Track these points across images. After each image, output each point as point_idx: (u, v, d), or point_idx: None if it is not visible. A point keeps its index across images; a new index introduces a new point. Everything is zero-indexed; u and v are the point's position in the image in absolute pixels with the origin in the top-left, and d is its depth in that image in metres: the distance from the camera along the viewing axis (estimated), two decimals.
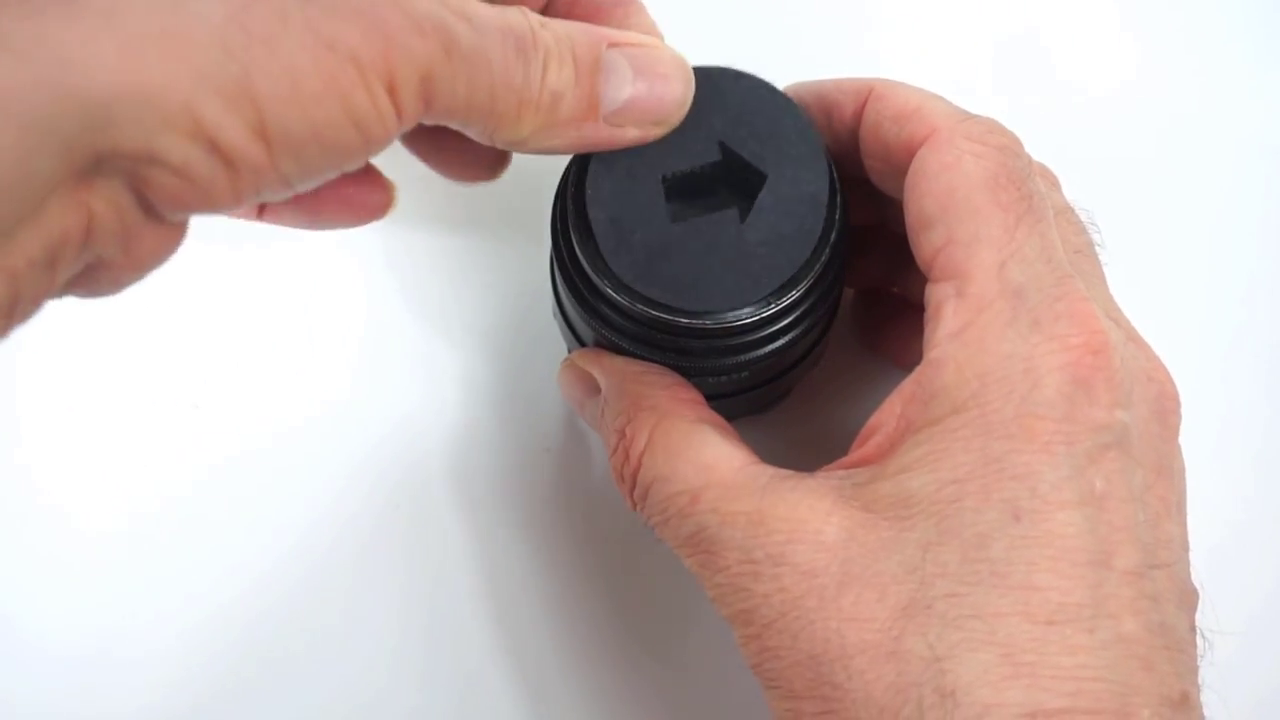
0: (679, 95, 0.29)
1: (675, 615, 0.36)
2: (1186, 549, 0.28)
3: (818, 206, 0.29)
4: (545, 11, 0.29)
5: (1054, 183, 0.31)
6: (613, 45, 0.27)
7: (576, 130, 0.27)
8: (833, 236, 0.30)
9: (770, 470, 0.28)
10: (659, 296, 0.29)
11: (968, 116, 0.29)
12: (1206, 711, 0.26)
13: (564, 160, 0.31)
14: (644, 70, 0.28)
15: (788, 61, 0.33)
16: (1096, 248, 0.30)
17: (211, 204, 0.22)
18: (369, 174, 0.30)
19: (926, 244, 0.28)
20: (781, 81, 0.32)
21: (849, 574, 0.25)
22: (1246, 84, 0.43)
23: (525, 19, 0.26)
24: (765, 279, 0.29)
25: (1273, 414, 0.39)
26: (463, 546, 0.37)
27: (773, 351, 0.30)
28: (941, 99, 0.30)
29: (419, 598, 0.37)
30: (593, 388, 0.32)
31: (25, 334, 0.22)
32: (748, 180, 0.30)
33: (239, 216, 0.29)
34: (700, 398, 0.30)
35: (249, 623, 0.36)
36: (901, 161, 0.29)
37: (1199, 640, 0.27)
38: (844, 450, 0.28)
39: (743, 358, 0.30)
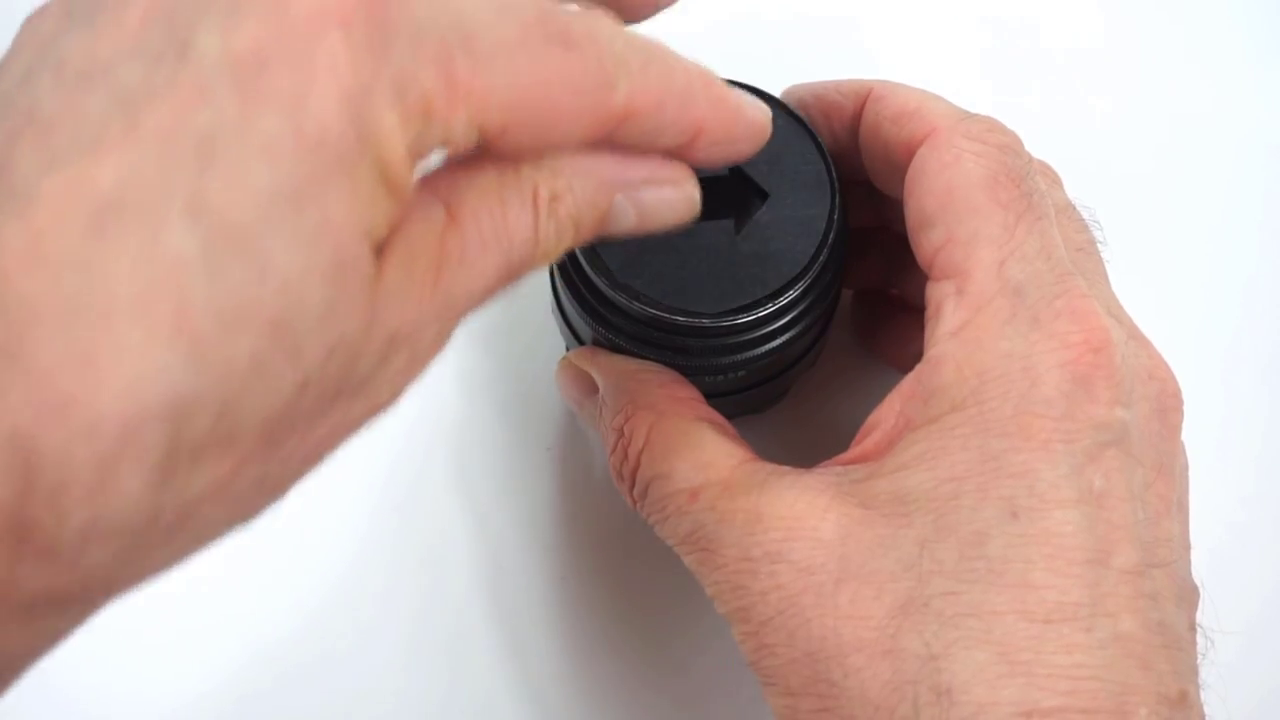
0: (665, 226, 0.25)
1: (675, 613, 0.36)
2: (1187, 547, 0.27)
3: (813, 229, 0.29)
4: None
5: (1055, 180, 0.31)
6: (628, 188, 0.24)
7: None
8: (831, 237, 0.30)
9: (768, 467, 0.28)
10: (657, 295, 0.29)
11: (967, 116, 0.29)
12: (1206, 711, 0.26)
13: None
14: (648, 214, 0.24)
15: (787, 63, 0.33)
16: (1099, 245, 0.30)
17: None
18: None
19: (926, 243, 0.28)
20: (781, 83, 0.32)
21: (846, 571, 0.25)
22: (1247, 83, 0.43)
23: (537, 200, 0.22)
24: (760, 284, 0.29)
25: (1273, 413, 0.39)
26: (463, 546, 0.37)
27: (770, 351, 0.30)
28: (941, 99, 0.30)
29: (418, 597, 0.37)
30: (590, 387, 0.32)
31: None
32: (750, 197, 0.30)
33: None
34: (698, 395, 0.30)
35: (244, 622, 0.36)
36: (901, 162, 0.29)
37: (1200, 638, 0.27)
38: (842, 450, 0.28)
39: (740, 357, 0.30)
